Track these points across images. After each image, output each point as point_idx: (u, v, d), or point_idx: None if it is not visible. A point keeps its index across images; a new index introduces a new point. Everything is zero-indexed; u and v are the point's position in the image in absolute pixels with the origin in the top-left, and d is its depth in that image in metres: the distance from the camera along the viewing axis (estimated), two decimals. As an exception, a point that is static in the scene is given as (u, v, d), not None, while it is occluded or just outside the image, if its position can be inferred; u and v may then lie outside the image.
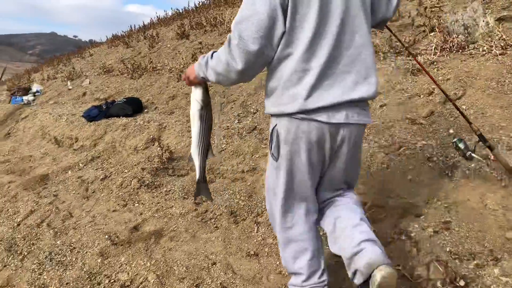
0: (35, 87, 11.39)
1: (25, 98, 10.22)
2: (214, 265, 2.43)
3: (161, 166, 3.77)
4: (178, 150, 3.95)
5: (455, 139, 2.46)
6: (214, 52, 1.73)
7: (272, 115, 1.76)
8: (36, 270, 2.70)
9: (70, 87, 9.55)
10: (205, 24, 9.41)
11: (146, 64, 8.02)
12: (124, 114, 5.45)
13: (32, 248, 3.00)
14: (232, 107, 4.70)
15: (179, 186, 3.48)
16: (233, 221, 2.83)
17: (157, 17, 17.09)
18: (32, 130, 6.77)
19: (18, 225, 3.45)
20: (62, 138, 5.72)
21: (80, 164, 4.69)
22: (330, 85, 1.60)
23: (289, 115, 1.64)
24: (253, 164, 3.31)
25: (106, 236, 2.91)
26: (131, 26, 17.81)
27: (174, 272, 2.42)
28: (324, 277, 1.85)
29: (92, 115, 5.59)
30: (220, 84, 1.80)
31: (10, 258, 2.91)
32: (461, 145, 2.42)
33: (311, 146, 1.67)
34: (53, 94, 10.19)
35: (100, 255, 2.70)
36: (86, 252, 2.78)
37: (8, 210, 3.83)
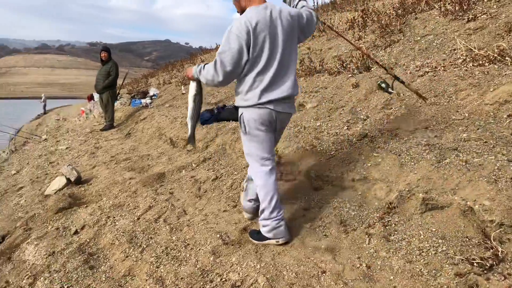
0: (152, 91, 12.29)
1: (143, 101, 11.07)
2: (324, 274, 2.39)
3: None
4: (286, 155, 3.97)
5: (378, 82, 3.49)
6: (205, 64, 2.82)
7: (240, 107, 2.84)
8: (154, 263, 2.88)
9: (184, 92, 10.14)
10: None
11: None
12: (234, 118, 5.63)
13: (150, 242, 3.21)
14: (341, 113, 4.62)
15: (287, 191, 3.50)
16: (342, 230, 2.77)
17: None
18: (150, 131, 7.30)
19: (138, 219, 3.73)
20: (177, 139, 6.08)
21: (193, 165, 4.94)
22: (274, 89, 2.70)
23: (251, 106, 2.73)
24: (364, 172, 3.21)
25: (218, 235, 3.02)
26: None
27: (283, 276, 2.43)
28: (282, 211, 2.86)
29: (205, 119, 5.86)
30: (207, 85, 2.90)
31: (131, 250, 3.15)
32: (383, 85, 3.87)
33: (266, 122, 2.77)
34: (168, 98, 10.90)
35: (212, 253, 2.81)
36: (199, 250, 2.90)
37: (129, 204, 4.16)
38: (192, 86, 3.04)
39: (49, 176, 6.43)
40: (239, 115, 2.85)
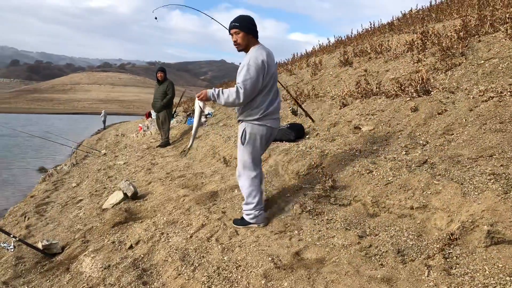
0: (207, 110, 12.54)
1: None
2: (380, 306, 2.29)
3: (323, 194, 3.76)
4: (341, 179, 3.90)
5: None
6: (222, 89, 3.46)
7: (243, 121, 3.55)
8: (205, 282, 2.89)
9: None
10: (369, 51, 9.27)
11: (309, 91, 8.21)
12: (287, 139, 5.62)
13: (202, 261, 3.23)
14: (399, 137, 4.49)
15: (341, 216, 3.41)
16: (400, 260, 2.65)
17: (319, 45, 17.53)
18: (204, 149, 7.43)
19: (191, 237, 3.77)
20: (230, 158, 6.15)
21: (245, 184, 4.97)
22: (273, 109, 3.49)
23: (257, 122, 3.45)
24: (423, 200, 3.08)
25: (270, 258, 2.99)
26: (294, 54, 18.50)
27: (337, 306, 2.35)
28: (263, 204, 3.66)
29: (258, 139, 5.90)
30: (224, 105, 3.55)
31: (183, 268, 3.18)
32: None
33: (263, 137, 3.51)
34: (223, 117, 11.09)
35: (264, 276, 2.77)
36: (251, 272, 2.88)
37: (182, 221, 4.23)
38: (200, 105, 3.72)
39: (107, 190, 6.67)
40: (241, 128, 3.58)
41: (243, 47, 3.49)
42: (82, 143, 23.62)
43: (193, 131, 4.07)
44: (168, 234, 3.98)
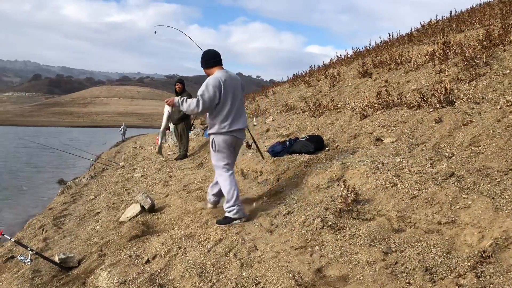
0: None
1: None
2: (409, 328, 2.15)
3: (345, 208, 3.63)
4: (364, 192, 3.76)
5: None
6: (185, 99, 4.24)
7: (211, 134, 4.33)
8: (224, 299, 2.78)
9: (255, 123, 10.22)
10: (389, 62, 9.14)
11: (328, 102, 8.10)
12: (306, 151, 5.52)
13: (221, 277, 3.13)
14: (423, 150, 4.34)
15: (364, 232, 3.28)
16: (428, 279, 2.51)
17: (337, 56, 17.43)
18: (221, 162, 7.37)
19: (209, 251, 3.67)
20: (248, 170, 6.06)
21: (264, 197, 4.86)
22: (236, 123, 4.23)
23: (222, 133, 4.21)
24: (452, 215, 2.93)
25: (290, 275, 2.87)
26: (311, 66, 18.45)
27: (363, 327, 2.22)
28: (240, 200, 4.30)
29: (276, 151, 5.80)
30: (185, 112, 4.43)
31: (201, 284, 3.08)
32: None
33: (230, 144, 4.29)
34: (240, 129, 11.03)
35: (285, 294, 2.66)
36: (271, 289, 2.77)
37: (200, 235, 4.14)
38: (167, 109, 5.00)
39: (124, 202, 6.64)
40: (210, 139, 4.39)
41: (209, 75, 4.38)
42: (101, 155, 23.85)
43: (160, 133, 5.49)
44: (185, 248, 3.89)
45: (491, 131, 3.98)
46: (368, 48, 15.83)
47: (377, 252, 2.94)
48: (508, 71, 5.21)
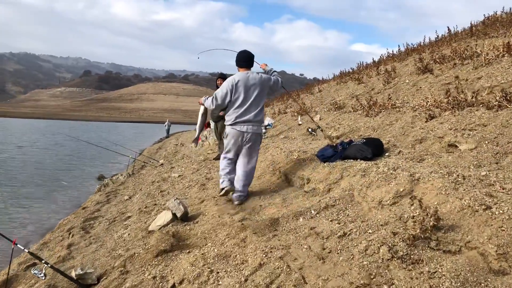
0: (267, 121, 11.83)
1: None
2: None
3: (420, 234, 2.83)
4: (445, 215, 2.95)
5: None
6: (207, 97, 5.20)
7: (226, 125, 5.06)
8: None
9: (300, 123, 9.47)
10: (453, 57, 8.13)
11: (384, 101, 7.23)
12: (363, 157, 4.73)
13: (260, 320, 2.43)
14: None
15: (449, 269, 2.48)
16: None
17: (388, 53, 16.36)
18: (263, 164, 6.67)
19: (246, 280, 2.99)
20: (293, 176, 5.33)
21: (312, 211, 4.11)
22: (243, 118, 4.89)
23: (229, 125, 5.01)
24: None
25: (353, 331, 2.13)
26: (360, 62, 17.49)
27: None
28: (231, 175, 5.24)
29: (327, 155, 5.04)
30: (208, 108, 5.38)
31: (235, 328, 2.40)
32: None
33: (235, 137, 4.98)
34: (283, 128, 10.31)
35: None
36: None
37: (236, 256, 3.46)
38: (202, 108, 5.64)
39: (157, 206, 6.09)
40: (226, 129, 5.09)
41: None
42: (143, 151, 23.79)
43: (197, 128, 6.06)
44: (218, 273, 3.23)
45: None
46: (422, 44, 14.71)
47: (472, 302, 2.15)
48: None
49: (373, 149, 4.77)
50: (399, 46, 15.18)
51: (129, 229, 5.31)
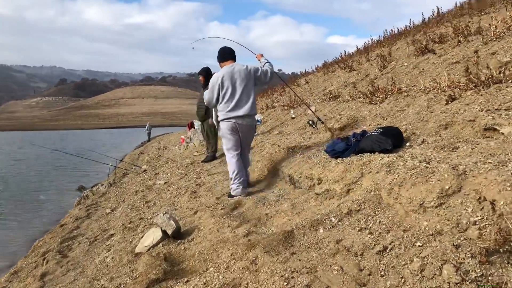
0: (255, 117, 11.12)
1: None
2: None
3: (496, 247, 2.16)
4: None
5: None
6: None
7: (219, 120, 5.03)
8: None
9: (293, 116, 8.77)
10: (455, 35, 7.53)
11: (387, 86, 6.58)
12: (381, 149, 4.04)
13: None
14: None
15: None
16: None
17: (372, 40, 15.80)
18: (260, 164, 5.95)
19: (268, 323, 2.27)
20: (299, 177, 4.62)
21: (332, 218, 3.40)
22: (236, 110, 4.85)
23: (222, 120, 4.95)
24: None
25: None
26: (343, 52, 16.95)
27: None
28: (243, 178, 4.99)
29: (338, 150, 4.34)
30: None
31: None
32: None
33: (231, 130, 4.92)
34: (275, 124, 9.60)
35: None
36: None
37: (248, 285, 2.74)
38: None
39: (143, 221, 5.32)
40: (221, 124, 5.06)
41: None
42: (124, 158, 22.80)
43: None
44: (228, 312, 2.50)
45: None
46: (408, 27, 14.17)
47: None
48: None
49: (393, 140, 4.09)
50: (386, 30, 14.62)
51: (112, 251, 4.54)
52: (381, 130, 4.24)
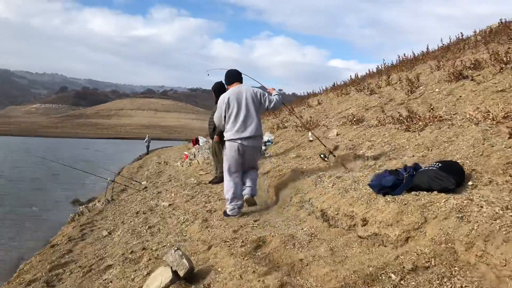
0: (266, 136, 10.47)
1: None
2: None
3: None
4: None
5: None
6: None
7: (225, 140, 5.03)
8: None
9: (311, 139, 8.11)
10: (491, 61, 6.96)
11: (423, 112, 5.95)
12: (441, 188, 3.37)
13: None
14: None
15: None
16: None
17: (384, 64, 15.30)
18: (283, 193, 5.27)
19: None
20: (336, 213, 3.94)
21: (392, 275, 2.71)
22: (241, 131, 4.87)
23: (227, 140, 4.98)
24: None
25: None
26: (351, 76, 16.45)
27: None
28: (239, 202, 5.06)
29: (385, 185, 3.67)
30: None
31: None
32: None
33: (235, 151, 4.92)
34: (289, 145, 8.94)
35: None
36: None
37: None
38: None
39: (147, 252, 4.60)
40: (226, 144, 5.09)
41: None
42: (122, 170, 22.05)
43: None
44: None
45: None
46: (425, 53, 13.66)
47: None
48: None
49: (455, 177, 3.42)
50: (402, 55, 14.10)
51: (110, 290, 3.82)
52: (439, 164, 3.58)
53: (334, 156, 5.94)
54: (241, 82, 5.21)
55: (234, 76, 5.20)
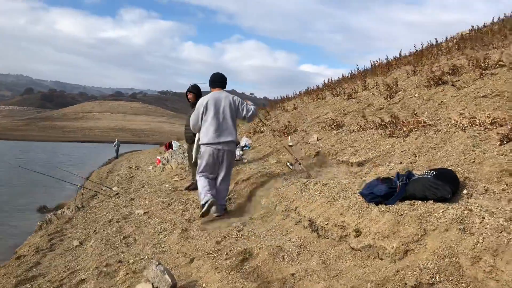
0: (243, 141, 10.26)
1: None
2: None
3: None
4: None
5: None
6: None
7: (201, 144, 5.24)
8: None
9: (291, 143, 7.96)
10: (471, 66, 6.99)
11: (407, 117, 5.88)
12: (439, 197, 3.25)
13: None
14: None
15: None
16: None
17: (358, 69, 15.32)
18: (266, 201, 5.06)
19: None
20: (326, 224, 3.76)
21: (394, 292, 2.55)
22: (217, 136, 5.09)
23: (203, 144, 5.18)
24: None
25: None
26: (325, 81, 16.49)
27: None
28: (213, 191, 5.15)
29: (377, 194, 3.52)
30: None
31: None
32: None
33: (211, 155, 5.14)
34: (268, 150, 8.76)
35: None
36: None
37: None
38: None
39: (123, 266, 4.31)
40: (201, 147, 5.29)
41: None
42: (91, 175, 21.36)
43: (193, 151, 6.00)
44: None
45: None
46: (398, 58, 13.75)
47: None
48: None
49: (451, 186, 3.31)
50: (377, 60, 14.16)
51: (84, 310, 3.52)
52: (434, 172, 3.46)
53: (300, 164, 6.01)
54: (223, 88, 5.41)
55: (217, 81, 5.38)
